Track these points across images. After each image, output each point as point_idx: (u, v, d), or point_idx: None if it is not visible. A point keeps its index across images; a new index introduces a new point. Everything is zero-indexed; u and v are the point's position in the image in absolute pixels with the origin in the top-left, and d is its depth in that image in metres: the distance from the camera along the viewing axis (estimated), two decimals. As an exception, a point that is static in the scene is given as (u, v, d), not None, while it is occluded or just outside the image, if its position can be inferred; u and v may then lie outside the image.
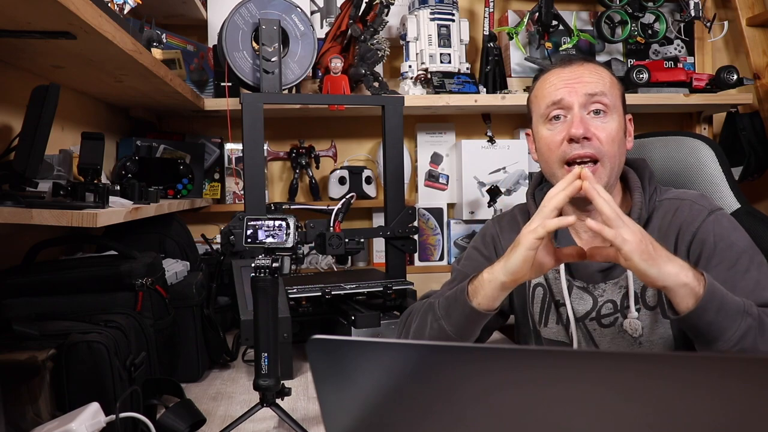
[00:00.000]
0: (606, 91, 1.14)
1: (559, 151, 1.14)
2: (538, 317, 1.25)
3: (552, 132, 1.15)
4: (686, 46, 2.38)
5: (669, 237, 1.14)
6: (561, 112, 1.15)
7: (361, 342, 0.58)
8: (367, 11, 1.96)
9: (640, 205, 1.16)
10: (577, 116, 1.12)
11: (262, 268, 1.05)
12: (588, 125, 1.12)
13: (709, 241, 1.10)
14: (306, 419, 1.15)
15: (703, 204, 1.15)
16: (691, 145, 1.37)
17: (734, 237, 1.11)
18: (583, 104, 1.13)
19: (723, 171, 1.34)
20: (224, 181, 2.19)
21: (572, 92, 1.13)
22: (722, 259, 1.09)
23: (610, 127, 1.13)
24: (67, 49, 1.13)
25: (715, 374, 0.48)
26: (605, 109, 1.14)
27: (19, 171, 1.00)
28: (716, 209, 1.15)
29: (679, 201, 1.16)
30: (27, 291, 1.14)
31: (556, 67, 1.19)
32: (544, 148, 1.18)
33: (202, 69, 2.16)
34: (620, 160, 1.16)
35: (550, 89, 1.16)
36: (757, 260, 1.09)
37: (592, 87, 1.13)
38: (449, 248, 2.31)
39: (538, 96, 1.19)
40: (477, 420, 0.54)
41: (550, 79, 1.18)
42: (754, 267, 1.08)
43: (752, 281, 1.06)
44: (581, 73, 1.15)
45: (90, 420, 0.88)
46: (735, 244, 1.10)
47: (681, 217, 1.14)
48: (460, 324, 1.09)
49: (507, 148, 2.26)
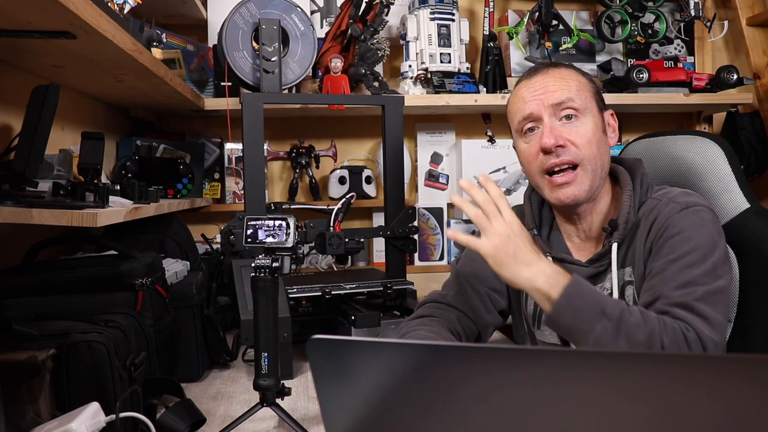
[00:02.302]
0: (573, 96, 1.14)
1: (537, 163, 1.15)
2: (532, 320, 1.25)
3: (528, 145, 1.17)
4: (686, 45, 2.38)
5: (643, 233, 1.12)
6: (533, 124, 1.16)
7: (361, 342, 0.58)
8: (367, 11, 1.96)
9: (628, 208, 1.15)
10: (547, 126, 1.13)
11: (262, 268, 1.05)
12: (560, 133, 1.12)
13: (668, 232, 1.08)
14: (306, 419, 1.15)
15: (680, 201, 1.12)
16: (700, 145, 1.35)
17: (694, 233, 1.06)
18: (552, 114, 1.14)
19: (733, 170, 1.31)
20: (224, 181, 2.19)
21: (539, 104, 1.14)
22: (671, 250, 1.06)
23: (584, 129, 1.13)
24: (67, 48, 1.13)
25: (715, 374, 0.48)
26: (576, 113, 1.14)
27: (19, 171, 1.00)
28: (693, 205, 1.11)
29: (658, 200, 1.15)
30: (27, 291, 1.14)
31: (524, 78, 1.20)
32: (524, 160, 1.19)
33: (202, 69, 2.16)
34: (603, 159, 1.16)
35: (519, 104, 1.18)
36: (710, 261, 1.04)
37: (557, 96, 1.13)
38: (449, 248, 2.31)
39: (511, 111, 1.21)
40: (477, 420, 0.54)
41: (519, 93, 1.19)
42: (697, 266, 1.03)
43: (686, 277, 1.02)
44: (546, 82, 1.15)
45: (90, 420, 0.88)
46: (690, 240, 1.06)
47: (656, 213, 1.13)
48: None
49: (507, 148, 2.26)
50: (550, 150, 1.12)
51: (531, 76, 1.19)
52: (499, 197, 1.03)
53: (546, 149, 1.12)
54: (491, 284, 1.26)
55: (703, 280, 1.02)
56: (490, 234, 1.00)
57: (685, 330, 0.97)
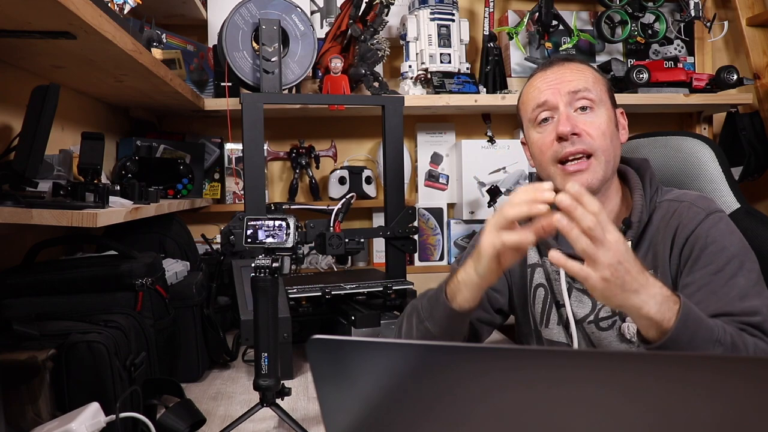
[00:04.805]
0: (590, 87, 1.15)
1: (551, 151, 1.14)
2: (540, 318, 1.25)
3: (542, 134, 1.16)
4: (686, 46, 2.38)
5: (666, 238, 1.13)
6: (548, 113, 1.15)
7: (361, 342, 0.58)
8: (367, 11, 1.96)
9: (641, 208, 1.16)
10: (564, 114, 1.13)
11: (262, 268, 1.05)
12: (575, 122, 1.13)
13: (701, 242, 1.09)
14: (306, 419, 1.15)
15: (701, 206, 1.13)
16: (690, 145, 1.37)
17: (727, 241, 1.09)
18: (568, 102, 1.14)
19: (723, 171, 1.33)
20: (224, 181, 2.19)
21: (556, 92, 1.14)
22: (709, 261, 1.07)
23: (599, 120, 1.14)
24: (67, 49, 1.13)
25: (715, 374, 0.48)
26: (591, 104, 1.14)
27: (19, 171, 1.00)
28: (714, 211, 1.13)
29: (678, 202, 1.16)
30: (27, 291, 1.14)
31: (539, 70, 1.20)
32: (536, 150, 1.18)
33: (202, 69, 2.16)
34: (615, 153, 1.16)
35: (534, 93, 1.18)
36: (747, 266, 1.07)
37: (574, 84, 1.14)
38: (449, 248, 2.31)
39: (525, 101, 1.21)
40: (477, 420, 0.54)
41: (534, 83, 1.19)
42: (742, 273, 1.05)
43: (736, 288, 1.04)
44: (563, 72, 1.16)
45: (90, 420, 0.88)
46: (726, 249, 1.07)
47: (678, 218, 1.13)
48: (444, 324, 1.09)
49: (507, 148, 2.26)
50: (566, 137, 1.11)
51: (546, 68, 1.19)
52: (599, 212, 0.86)
53: (563, 135, 1.11)
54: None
55: (754, 290, 1.04)
56: (599, 266, 0.85)
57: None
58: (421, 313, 1.13)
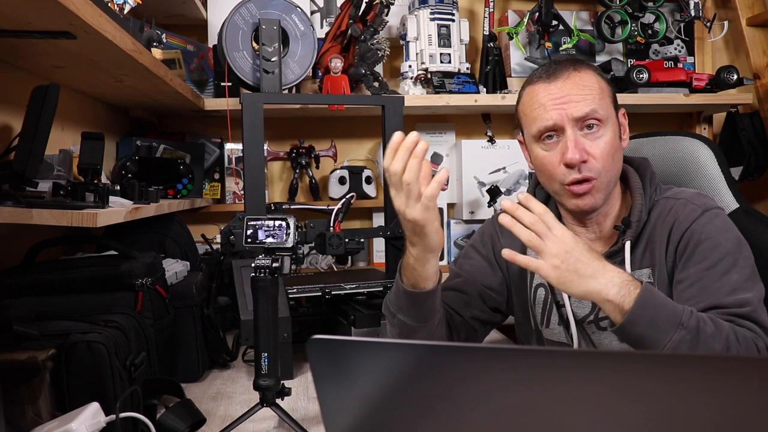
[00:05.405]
0: (596, 107, 1.11)
1: (559, 174, 1.13)
2: (540, 318, 1.25)
3: (548, 153, 1.14)
4: (686, 46, 2.38)
5: (662, 235, 1.13)
6: (554, 133, 1.13)
7: (361, 342, 0.58)
8: (367, 11, 1.96)
9: (641, 207, 1.16)
10: (571, 140, 1.10)
11: (262, 268, 1.05)
12: (583, 145, 1.10)
13: (695, 239, 1.09)
14: (306, 419, 1.15)
15: (697, 202, 1.13)
16: (689, 145, 1.37)
17: (722, 237, 1.09)
18: (574, 125, 1.11)
19: (722, 171, 1.34)
20: (224, 181, 2.19)
21: (563, 116, 1.11)
22: (703, 257, 1.07)
23: (605, 140, 1.12)
24: (67, 49, 1.13)
25: (715, 374, 0.48)
26: (598, 123, 1.12)
27: (19, 171, 1.00)
28: (711, 208, 1.13)
29: (674, 200, 1.16)
30: (27, 291, 1.14)
31: (542, 79, 1.14)
32: (541, 167, 1.17)
33: (202, 69, 2.16)
34: (617, 168, 1.16)
35: (539, 111, 1.13)
36: (741, 263, 1.07)
37: (581, 108, 1.10)
38: (449, 248, 2.30)
39: (527, 114, 1.16)
40: (477, 420, 0.54)
41: (538, 96, 1.14)
42: (735, 270, 1.05)
43: (728, 284, 1.04)
44: (568, 90, 1.11)
45: (90, 420, 0.88)
46: (721, 245, 1.07)
47: (675, 215, 1.13)
48: (414, 313, 1.11)
49: (507, 148, 2.26)
50: (574, 165, 1.11)
51: (550, 80, 1.13)
52: (544, 213, 1.00)
53: (572, 165, 1.10)
54: (487, 282, 1.27)
55: (746, 285, 1.05)
56: (547, 255, 0.97)
57: (756, 339, 0.99)
58: (390, 308, 1.17)
